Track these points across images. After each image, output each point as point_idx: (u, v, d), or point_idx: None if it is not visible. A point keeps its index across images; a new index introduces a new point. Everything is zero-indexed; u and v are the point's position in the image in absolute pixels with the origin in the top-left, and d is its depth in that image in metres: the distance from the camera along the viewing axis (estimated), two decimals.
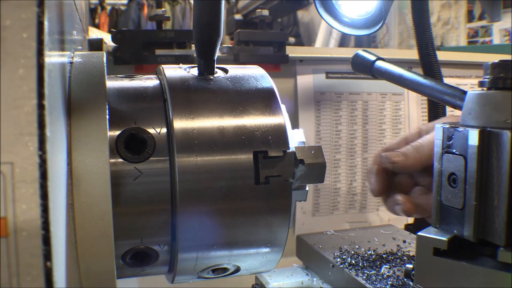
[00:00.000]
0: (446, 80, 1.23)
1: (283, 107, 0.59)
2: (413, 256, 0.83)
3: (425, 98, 1.29)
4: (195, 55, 0.81)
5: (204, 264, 0.58)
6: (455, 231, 0.51)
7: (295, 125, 1.11)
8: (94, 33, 2.46)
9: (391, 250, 0.86)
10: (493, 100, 0.49)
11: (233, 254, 0.58)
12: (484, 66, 0.52)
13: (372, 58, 0.87)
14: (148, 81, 0.60)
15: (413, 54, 1.19)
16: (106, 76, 0.50)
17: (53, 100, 0.35)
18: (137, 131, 0.53)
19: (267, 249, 0.59)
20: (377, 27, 0.91)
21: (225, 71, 0.62)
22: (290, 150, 0.56)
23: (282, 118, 0.58)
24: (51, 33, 0.34)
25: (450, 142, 0.52)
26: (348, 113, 1.37)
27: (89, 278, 0.47)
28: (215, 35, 0.57)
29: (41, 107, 0.30)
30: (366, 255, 0.84)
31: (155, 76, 0.63)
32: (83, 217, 0.44)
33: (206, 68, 0.60)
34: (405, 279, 0.73)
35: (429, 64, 1.06)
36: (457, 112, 0.64)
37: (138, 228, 0.54)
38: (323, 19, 0.94)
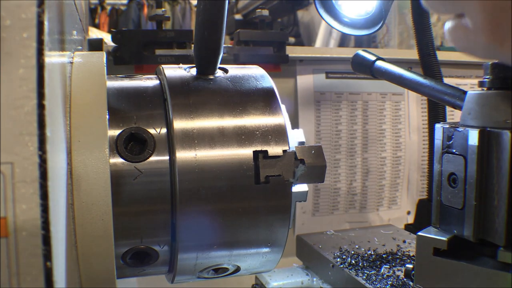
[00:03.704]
0: (446, 80, 1.23)
1: (283, 107, 0.59)
2: (413, 256, 0.83)
3: (425, 98, 1.29)
4: None
5: (204, 264, 0.58)
6: (455, 231, 0.51)
7: (295, 125, 1.11)
8: (94, 33, 2.46)
9: (391, 250, 0.86)
10: (493, 100, 0.49)
11: (233, 254, 0.58)
12: (484, 66, 0.52)
13: (372, 58, 0.87)
14: (148, 81, 0.60)
15: (413, 54, 1.19)
16: (106, 76, 0.50)
17: (53, 100, 0.34)
18: (137, 131, 0.53)
19: (267, 249, 0.59)
20: (377, 27, 0.91)
21: (225, 71, 0.62)
22: (290, 149, 0.56)
23: (282, 118, 0.58)
24: (51, 33, 0.34)
25: (450, 142, 0.52)
26: (348, 113, 1.37)
27: (89, 278, 0.47)
28: (217, 35, 0.56)
29: (41, 107, 0.30)
30: (366, 255, 0.84)
31: (155, 76, 0.62)
32: (83, 217, 0.44)
33: (206, 68, 0.60)
34: (405, 279, 0.73)
35: (429, 64, 1.06)
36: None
37: (138, 228, 0.54)
38: (323, 19, 0.94)
